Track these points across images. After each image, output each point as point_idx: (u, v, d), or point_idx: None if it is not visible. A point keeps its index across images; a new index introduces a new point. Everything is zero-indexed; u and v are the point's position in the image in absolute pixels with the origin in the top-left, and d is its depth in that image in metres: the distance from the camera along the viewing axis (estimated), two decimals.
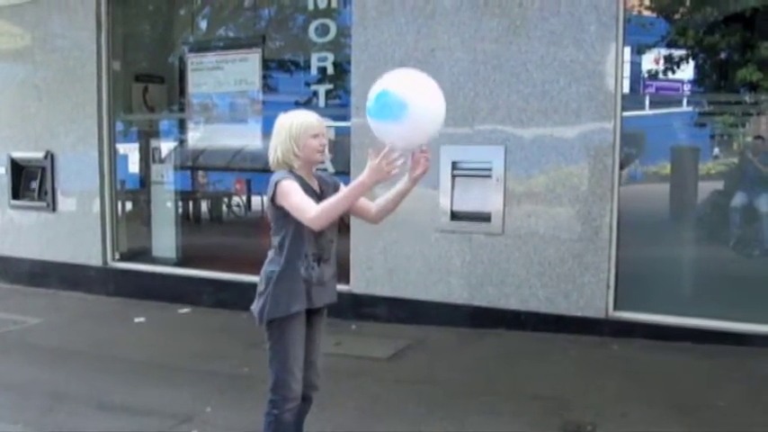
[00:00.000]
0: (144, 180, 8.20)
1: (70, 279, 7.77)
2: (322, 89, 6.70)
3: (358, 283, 6.21)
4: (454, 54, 5.74)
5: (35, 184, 8.00)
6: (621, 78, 5.43)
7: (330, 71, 6.67)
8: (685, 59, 6.67)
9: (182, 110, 7.97)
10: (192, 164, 8.37)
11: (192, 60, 7.51)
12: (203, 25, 8.15)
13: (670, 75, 6.68)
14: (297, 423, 3.08)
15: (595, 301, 5.46)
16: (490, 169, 5.70)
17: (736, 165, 6.53)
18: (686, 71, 6.71)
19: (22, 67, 8.00)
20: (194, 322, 6.52)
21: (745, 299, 5.47)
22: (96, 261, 7.66)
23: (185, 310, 6.87)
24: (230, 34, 8.03)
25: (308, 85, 6.94)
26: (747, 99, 6.42)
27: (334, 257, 3.02)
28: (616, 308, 5.48)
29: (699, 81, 6.93)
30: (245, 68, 7.10)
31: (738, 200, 6.18)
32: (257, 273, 2.96)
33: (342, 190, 2.84)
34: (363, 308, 6.12)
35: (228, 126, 7.69)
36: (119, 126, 7.86)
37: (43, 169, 7.90)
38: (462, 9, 5.72)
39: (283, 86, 7.52)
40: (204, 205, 9.01)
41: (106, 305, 7.24)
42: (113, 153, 7.69)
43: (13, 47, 8.06)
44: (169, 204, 7.94)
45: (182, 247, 7.79)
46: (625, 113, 5.50)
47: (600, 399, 4.24)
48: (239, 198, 9.12)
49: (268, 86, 7.33)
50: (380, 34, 6.03)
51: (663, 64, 6.67)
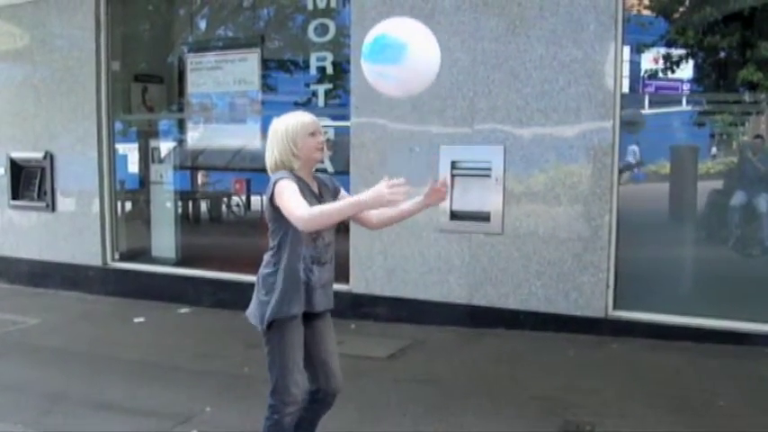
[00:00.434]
0: (143, 180, 8.20)
1: (70, 279, 7.77)
2: (321, 89, 6.71)
3: (357, 283, 6.20)
4: (453, 54, 5.73)
5: (34, 184, 8.00)
6: (621, 78, 5.43)
7: (329, 71, 6.67)
8: (684, 59, 6.67)
9: (181, 110, 7.97)
10: (192, 164, 8.37)
11: (192, 60, 7.51)
12: (202, 25, 8.15)
13: (669, 74, 6.68)
14: (311, 422, 3.07)
15: (595, 300, 5.46)
16: (489, 169, 5.70)
17: (735, 164, 6.53)
18: (685, 70, 6.70)
19: (21, 67, 8.00)
20: (194, 322, 6.52)
21: (745, 298, 5.47)
22: (96, 261, 7.66)
23: (185, 310, 6.87)
24: (229, 34, 8.02)
25: (307, 84, 6.93)
26: (747, 98, 6.42)
27: (332, 261, 2.99)
28: (615, 307, 5.49)
29: (698, 80, 6.92)
30: (244, 68, 7.10)
31: (738, 199, 6.17)
32: (257, 273, 2.94)
33: (339, 202, 2.79)
34: (363, 307, 6.11)
35: (228, 126, 7.70)
36: (118, 126, 7.86)
37: (42, 169, 7.90)
38: (462, 9, 5.72)
39: (283, 86, 7.51)
40: (204, 205, 9.00)
41: (106, 305, 7.24)
42: (113, 153, 7.69)
43: (12, 47, 8.05)
44: (168, 204, 7.94)
45: (181, 247, 7.79)
46: (624, 113, 5.51)
47: (599, 399, 4.24)
48: (239, 198, 9.11)
49: (267, 86, 7.32)
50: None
51: (662, 63, 6.67)
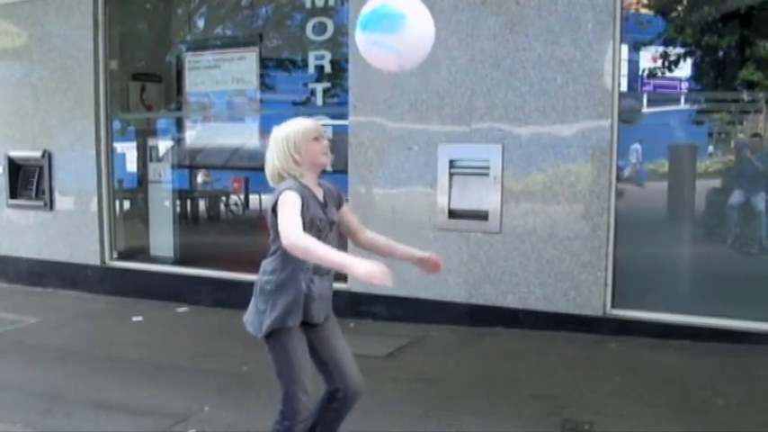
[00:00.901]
0: (141, 179, 8.19)
1: (68, 278, 7.76)
2: (319, 88, 6.70)
3: (356, 282, 6.13)
4: (452, 52, 5.73)
5: (33, 183, 7.98)
6: (619, 76, 5.43)
7: (328, 70, 6.67)
8: (683, 57, 6.67)
9: (179, 109, 7.96)
10: (190, 163, 8.36)
11: (190, 59, 7.50)
12: (200, 24, 8.14)
13: (667, 73, 6.68)
14: (331, 425, 2.99)
15: (593, 299, 5.46)
16: (488, 167, 5.70)
17: (733, 163, 6.53)
18: (684, 69, 6.71)
19: (18, 66, 7.98)
20: (192, 321, 6.52)
21: (744, 297, 5.47)
22: (94, 260, 7.65)
23: (183, 309, 6.86)
24: (228, 33, 8.01)
25: (305, 83, 6.93)
26: (745, 97, 6.42)
27: (332, 272, 2.94)
28: (614, 306, 5.49)
29: (696, 79, 6.92)
30: (242, 67, 7.09)
31: (736, 198, 6.17)
32: (256, 271, 2.92)
33: (330, 250, 2.61)
34: (361, 306, 6.11)
35: (226, 125, 7.69)
36: (116, 125, 7.84)
37: (41, 168, 7.88)
38: (460, 7, 5.71)
39: (281, 85, 7.50)
40: (202, 204, 9.00)
41: (104, 304, 7.22)
42: (111, 152, 7.68)
43: (10, 46, 8.04)
44: (167, 203, 7.93)
45: (180, 245, 7.78)
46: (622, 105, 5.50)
47: (598, 397, 4.25)
48: (237, 197, 9.10)
49: (265, 85, 7.31)
50: None
51: (660, 62, 6.67)
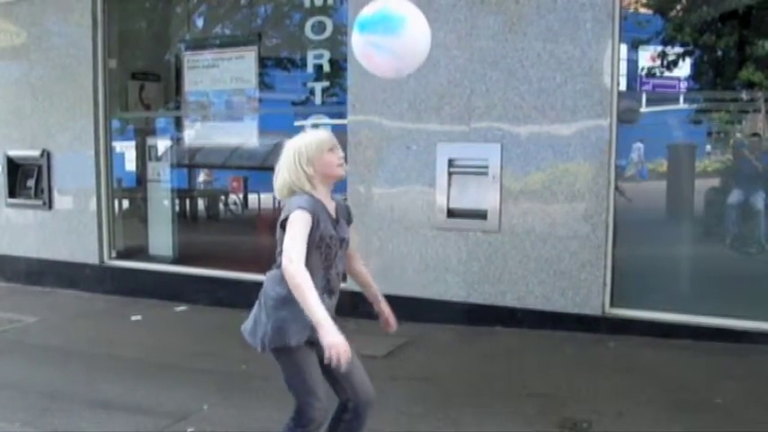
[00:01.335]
0: (140, 178, 8.19)
1: (67, 277, 7.76)
2: (318, 87, 6.70)
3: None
4: (450, 51, 5.73)
5: (31, 182, 7.98)
6: (617, 76, 5.42)
7: (326, 69, 6.66)
8: (681, 57, 6.68)
9: (178, 108, 7.95)
10: (189, 162, 8.36)
11: (189, 58, 7.49)
12: (199, 23, 8.14)
13: (666, 72, 6.68)
14: None
15: (592, 298, 5.46)
16: (487, 167, 5.69)
17: (732, 162, 6.53)
18: (683, 68, 6.71)
19: (17, 65, 7.97)
20: (191, 320, 6.51)
21: (743, 296, 5.47)
22: (93, 259, 7.64)
23: (182, 308, 6.86)
24: (227, 32, 8.01)
25: (304, 82, 6.93)
26: (744, 96, 6.42)
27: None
28: (613, 305, 5.49)
29: (695, 78, 6.93)
30: (241, 66, 7.09)
31: (735, 197, 6.18)
32: (254, 270, 2.92)
33: (314, 301, 2.57)
34: (360, 306, 6.08)
35: (225, 124, 7.68)
36: (115, 124, 7.83)
37: (39, 168, 7.88)
38: (458, 6, 5.71)
39: (280, 84, 7.51)
40: (201, 203, 9.00)
41: (103, 303, 7.22)
42: (110, 151, 7.67)
43: (9, 45, 8.03)
44: (166, 202, 7.93)
45: (178, 245, 7.77)
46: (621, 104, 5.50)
47: (596, 396, 4.24)
48: (236, 196, 9.11)
49: (264, 84, 7.31)
50: None
51: (659, 61, 6.67)
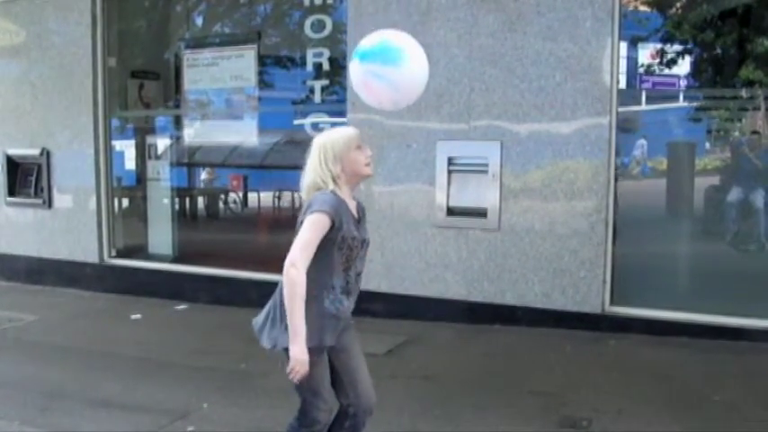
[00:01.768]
0: (140, 177, 8.19)
1: (67, 276, 7.76)
2: (318, 85, 6.70)
3: None
4: (450, 50, 5.73)
5: (31, 181, 7.99)
6: (617, 73, 5.43)
7: (326, 67, 6.66)
8: (681, 55, 6.68)
9: (177, 106, 7.95)
10: (189, 160, 8.36)
11: (188, 57, 7.49)
12: (199, 21, 8.14)
13: (666, 70, 6.68)
14: None
15: (592, 296, 5.47)
16: (486, 165, 5.69)
17: (732, 160, 6.53)
18: (682, 66, 6.71)
19: (17, 64, 7.98)
20: (191, 319, 6.52)
21: (742, 294, 5.47)
22: (93, 258, 7.65)
23: (182, 306, 6.86)
24: (226, 30, 8.00)
25: (303, 81, 6.93)
26: (743, 94, 6.42)
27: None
28: (612, 303, 5.49)
29: (695, 76, 6.93)
30: (240, 65, 7.08)
31: (735, 195, 6.18)
32: (255, 269, 2.91)
33: (301, 317, 2.58)
34: (360, 303, 6.08)
35: (224, 122, 7.66)
36: (115, 123, 7.85)
37: (39, 166, 7.88)
38: (458, 5, 5.71)
39: (279, 82, 7.51)
40: (201, 202, 9.00)
41: (102, 302, 7.23)
42: (109, 150, 7.68)
43: (8, 44, 8.03)
44: (165, 201, 7.93)
45: (178, 243, 7.77)
46: (621, 109, 5.51)
47: (596, 394, 4.25)
48: (236, 194, 9.11)
49: (264, 82, 7.31)
50: (376, 30, 5.99)
51: (659, 59, 6.67)
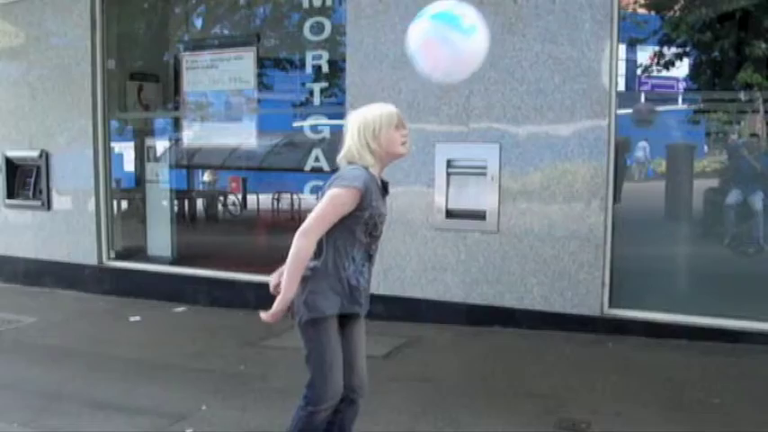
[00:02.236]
0: (139, 178, 8.19)
1: (65, 278, 7.76)
2: (317, 87, 6.70)
3: None
4: None
5: (30, 183, 7.99)
6: (616, 76, 5.43)
7: (325, 69, 6.67)
8: (680, 57, 6.68)
9: (177, 108, 7.95)
10: (188, 162, 8.36)
11: (187, 59, 7.49)
12: (198, 23, 8.15)
13: (665, 72, 6.69)
14: (341, 428, 2.95)
15: (590, 298, 5.47)
16: (485, 167, 5.70)
17: (731, 162, 6.53)
18: (681, 69, 6.72)
19: (16, 65, 7.99)
20: (190, 321, 6.51)
21: (741, 296, 5.49)
22: (91, 260, 7.65)
23: (181, 308, 6.85)
24: (225, 32, 8.02)
25: (302, 83, 6.94)
26: (742, 97, 6.43)
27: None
28: (611, 305, 5.50)
29: (694, 79, 6.93)
30: (240, 67, 7.09)
31: (733, 197, 6.19)
32: (253, 271, 2.92)
33: (298, 278, 2.70)
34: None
35: (223, 124, 7.68)
36: (114, 124, 7.85)
37: (38, 168, 7.89)
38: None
39: (278, 85, 7.51)
40: (200, 204, 9.00)
41: (101, 304, 7.22)
42: (108, 152, 7.68)
43: (7, 45, 8.04)
44: (164, 203, 7.93)
45: (177, 245, 7.77)
46: (620, 111, 5.51)
47: (595, 396, 4.25)
48: (234, 196, 9.11)
49: (263, 85, 7.32)
50: (375, 32, 6.03)
51: (657, 62, 6.68)
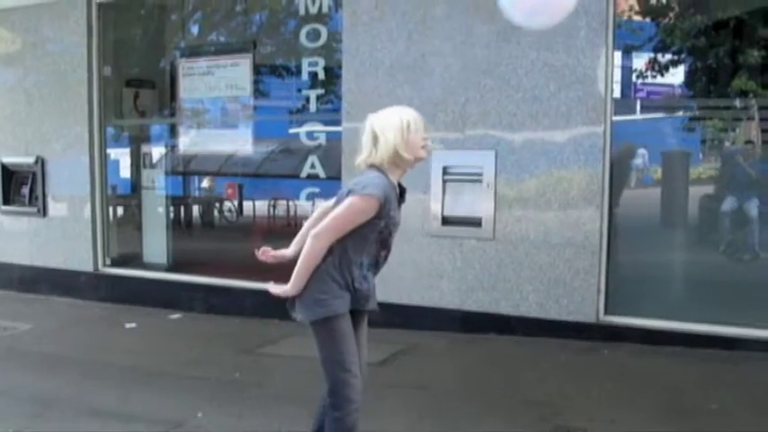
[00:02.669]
0: (135, 185, 8.17)
1: (61, 285, 7.74)
2: (313, 94, 6.71)
3: None
4: (445, 59, 5.75)
5: (26, 189, 7.98)
6: (611, 83, 5.44)
7: (321, 76, 6.67)
8: (676, 64, 6.70)
9: (173, 115, 7.94)
10: (184, 169, 8.35)
11: (183, 65, 7.49)
12: (194, 30, 8.14)
13: (660, 79, 6.70)
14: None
15: (586, 305, 5.47)
16: (481, 174, 5.70)
17: (726, 169, 6.54)
18: (677, 76, 6.73)
19: (12, 72, 7.98)
20: (185, 328, 6.50)
21: (736, 303, 5.48)
22: (87, 267, 7.63)
23: (176, 315, 6.84)
24: (221, 39, 8.01)
25: (299, 90, 6.95)
26: (738, 104, 6.44)
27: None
28: (607, 312, 5.49)
29: (689, 86, 6.94)
30: (236, 73, 7.09)
31: (729, 204, 6.19)
32: (249, 278, 2.92)
33: (310, 269, 2.77)
34: None
35: (220, 131, 7.66)
36: (110, 131, 7.85)
37: (34, 174, 7.88)
38: (453, 15, 5.73)
39: (274, 91, 7.51)
40: (196, 210, 8.98)
41: (97, 311, 7.21)
42: (104, 158, 7.68)
43: (4, 51, 8.03)
44: (160, 209, 7.91)
45: (173, 252, 7.76)
46: (615, 118, 5.53)
47: (590, 403, 4.25)
48: (230, 203, 9.09)
49: (259, 91, 7.31)
50: (371, 39, 6.05)
51: (653, 68, 6.69)
